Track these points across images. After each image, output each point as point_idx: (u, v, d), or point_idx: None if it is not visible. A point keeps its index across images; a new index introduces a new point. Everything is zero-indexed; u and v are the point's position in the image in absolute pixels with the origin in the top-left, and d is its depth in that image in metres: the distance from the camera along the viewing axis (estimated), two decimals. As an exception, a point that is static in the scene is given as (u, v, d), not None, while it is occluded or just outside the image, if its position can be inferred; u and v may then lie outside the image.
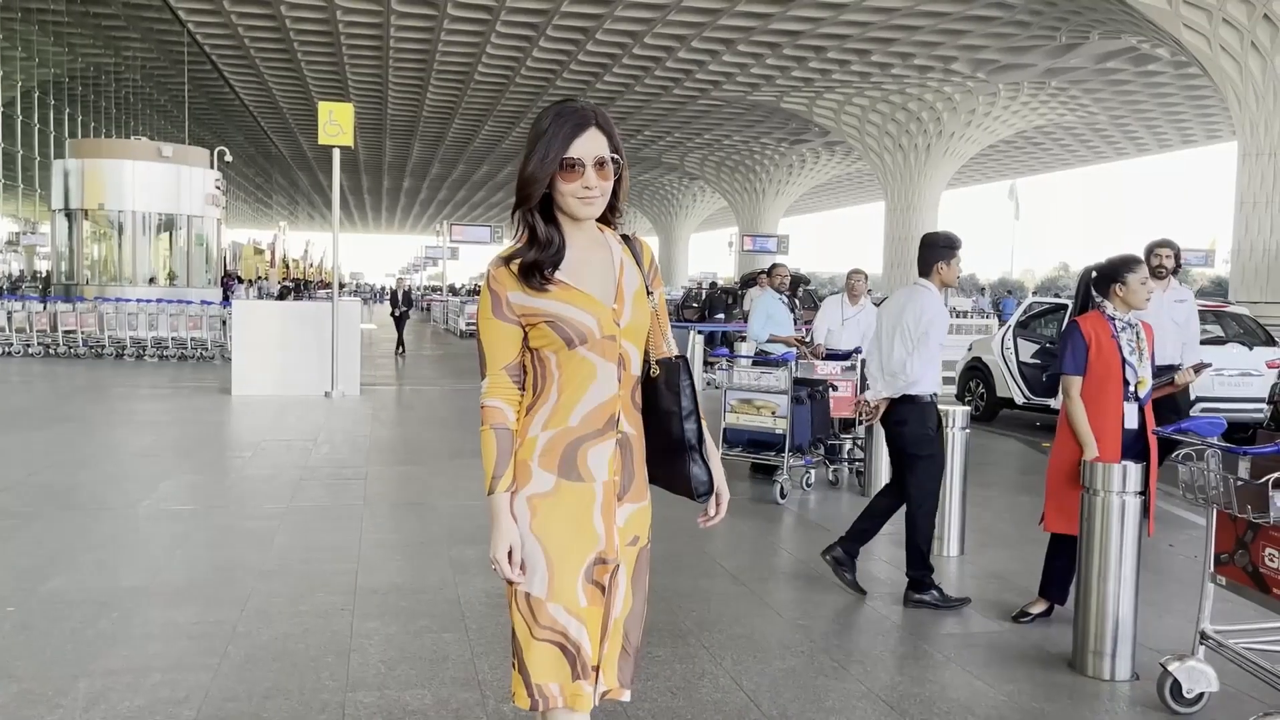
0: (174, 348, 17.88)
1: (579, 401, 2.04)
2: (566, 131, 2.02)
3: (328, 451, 8.50)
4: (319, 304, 14.78)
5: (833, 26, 29.61)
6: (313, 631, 4.11)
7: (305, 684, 3.57)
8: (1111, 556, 3.90)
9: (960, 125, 39.81)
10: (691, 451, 2.12)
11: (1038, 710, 3.58)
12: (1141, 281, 4.37)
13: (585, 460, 2.05)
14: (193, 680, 3.56)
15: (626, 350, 2.08)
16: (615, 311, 2.06)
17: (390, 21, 29.50)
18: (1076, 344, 4.34)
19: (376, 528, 5.91)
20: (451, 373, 17.06)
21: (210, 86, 39.55)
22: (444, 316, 35.68)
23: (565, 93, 38.34)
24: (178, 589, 4.65)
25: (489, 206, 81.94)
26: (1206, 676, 3.51)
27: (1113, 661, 3.88)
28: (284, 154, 56.85)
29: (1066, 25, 28.77)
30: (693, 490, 2.14)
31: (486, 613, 4.40)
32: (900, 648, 4.19)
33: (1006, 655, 4.13)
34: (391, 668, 3.75)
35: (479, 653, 3.92)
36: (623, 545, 2.09)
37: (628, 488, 2.10)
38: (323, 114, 12.56)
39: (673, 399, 2.12)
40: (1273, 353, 10.78)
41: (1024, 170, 61.06)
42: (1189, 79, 33.78)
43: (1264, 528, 3.28)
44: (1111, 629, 3.88)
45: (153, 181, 21.82)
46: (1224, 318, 11.50)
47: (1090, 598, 3.93)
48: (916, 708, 3.55)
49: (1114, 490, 3.89)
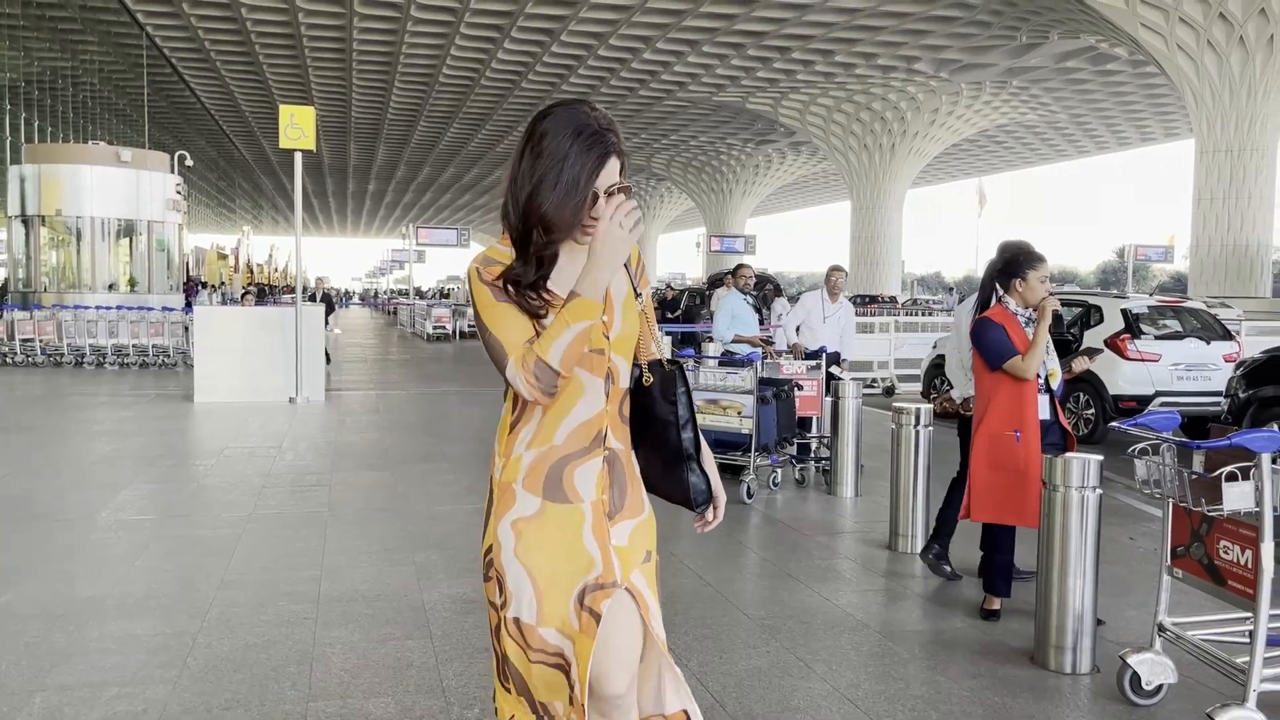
0: (135, 355, 17.63)
1: (564, 418, 1.93)
2: (592, 165, 1.87)
3: (291, 458, 8.41)
4: (282, 309, 14.63)
5: (796, 27, 29.80)
6: (274, 641, 4.06)
7: (266, 695, 3.53)
8: (1072, 551, 3.94)
9: (924, 124, 40.21)
10: (690, 461, 2.04)
11: (1000, 704, 3.61)
12: (1041, 279, 4.47)
13: (571, 480, 1.94)
14: (151, 694, 3.50)
15: (615, 364, 1.97)
16: (605, 324, 1.93)
17: (353, 24, 29.29)
18: (996, 334, 4.42)
19: (340, 535, 5.86)
20: (418, 377, 16.95)
21: (170, 90, 39.09)
22: (411, 320, 35.44)
23: (530, 95, 38.28)
24: (136, 600, 4.58)
25: (456, 209, 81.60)
26: (1165, 668, 3.56)
27: (1074, 655, 3.92)
28: (247, 157, 56.28)
29: (1026, 25, 29.14)
30: (692, 500, 2.06)
31: (451, 619, 4.37)
32: (865, 646, 4.20)
33: (969, 651, 4.16)
34: (354, 676, 3.71)
35: (443, 659, 3.89)
36: (637, 564, 1.99)
37: (619, 505, 2.00)
38: (284, 117, 12.43)
39: (669, 408, 2.03)
40: (1229, 347, 10.95)
41: (987, 169, 61.77)
42: (1147, 78, 34.33)
43: (1218, 521, 3.33)
44: (1073, 623, 3.92)
45: (111, 187, 21.50)
46: (1182, 313, 11.69)
47: (1051, 592, 3.97)
48: (881, 705, 3.57)
49: (1074, 485, 3.93)
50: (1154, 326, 11.11)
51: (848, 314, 8.92)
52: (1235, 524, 3.26)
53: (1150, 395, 10.37)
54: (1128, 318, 10.77)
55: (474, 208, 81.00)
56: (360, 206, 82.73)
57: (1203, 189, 27.82)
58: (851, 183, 43.73)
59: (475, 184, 65.43)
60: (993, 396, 4.48)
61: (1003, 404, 4.45)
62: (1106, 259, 67.96)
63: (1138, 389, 10.39)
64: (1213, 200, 27.78)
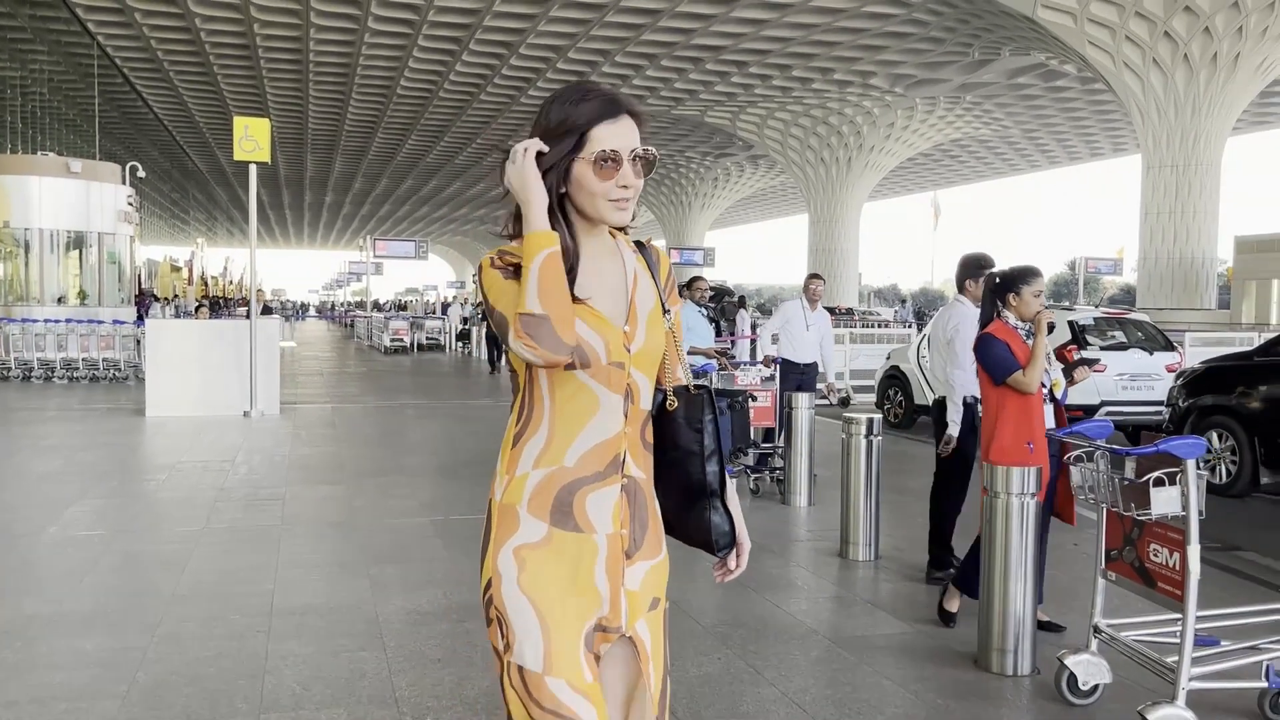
0: (85, 369, 17.35)
1: (576, 438, 1.73)
2: (591, 112, 1.69)
3: (245, 472, 8.35)
4: (236, 322, 14.50)
5: (754, 42, 30.11)
6: (225, 655, 4.05)
7: (217, 709, 3.52)
8: (1013, 557, 4.05)
9: (880, 139, 40.76)
10: (713, 498, 1.84)
11: (944, 706, 3.71)
12: (1035, 294, 4.58)
13: (584, 507, 1.73)
14: (100, 709, 3.49)
15: (635, 381, 1.76)
16: (626, 335, 1.75)
17: (310, 35, 29.13)
18: (999, 349, 4.50)
19: (294, 549, 5.84)
20: (374, 390, 16.85)
21: (122, 100, 38.56)
22: (368, 333, 35.19)
23: (489, 107, 38.29)
24: (85, 616, 4.54)
25: (414, 220, 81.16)
26: (1100, 668, 3.67)
27: (1015, 657, 4.03)
28: (201, 168, 55.60)
29: (979, 42, 29.69)
30: (713, 543, 1.85)
31: (405, 630, 4.39)
32: (814, 652, 4.28)
33: (915, 655, 4.25)
34: (306, 688, 3.72)
35: (396, 670, 3.91)
36: (643, 612, 1.79)
37: (639, 543, 1.78)
38: (238, 129, 12.35)
39: (694, 437, 1.83)
40: (1172, 357, 11.24)
41: (943, 182, 62.70)
42: (1095, 94, 35.10)
43: (1148, 525, 3.45)
44: (1014, 626, 4.03)
45: (61, 198, 21.16)
46: (1126, 324, 11.98)
47: (993, 597, 4.08)
48: (829, 709, 3.64)
49: (1014, 493, 4.05)
50: (1100, 337, 11.37)
51: (827, 322, 8.98)
52: (1164, 528, 3.38)
53: (1096, 405, 10.61)
54: (1074, 329, 11.02)
55: (432, 219, 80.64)
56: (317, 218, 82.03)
57: (1149, 203, 28.50)
58: (809, 196, 44.20)
59: (434, 196, 65.17)
60: (1000, 411, 4.51)
61: (1012, 418, 4.47)
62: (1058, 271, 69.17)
63: (1084, 398, 10.62)
64: (1159, 214, 28.45)
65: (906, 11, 27.15)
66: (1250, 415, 8.18)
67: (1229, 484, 8.33)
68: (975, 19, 27.55)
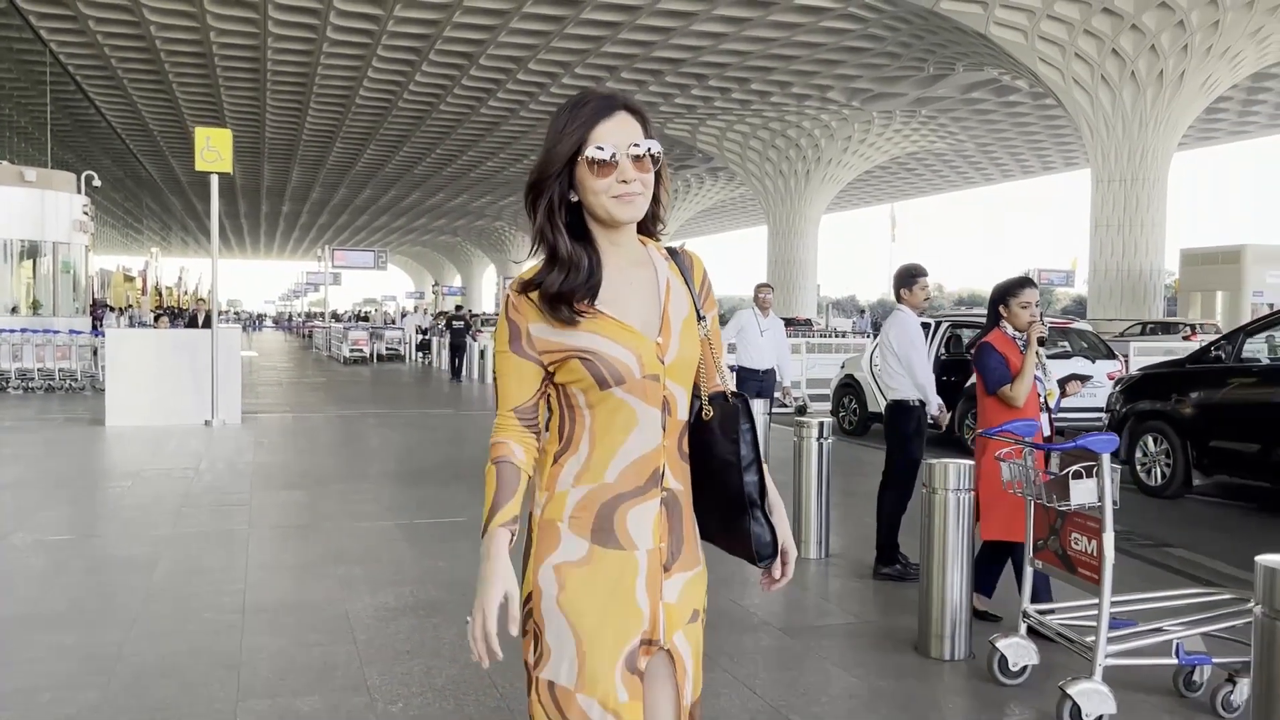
0: (41, 379, 17.22)
1: (616, 454, 1.73)
2: (587, 114, 1.69)
3: (210, 479, 8.44)
4: (195, 331, 14.51)
5: (713, 55, 30.51)
6: (201, 650, 4.20)
7: (197, 697, 3.69)
8: (950, 548, 4.32)
9: (837, 151, 41.38)
10: (753, 508, 1.80)
11: (884, 687, 3.96)
12: (1022, 305, 4.85)
13: (625, 523, 1.72)
14: (83, 698, 3.64)
15: (672, 392, 1.75)
16: (660, 346, 1.73)
17: (267, 44, 29.05)
18: (994, 360, 4.76)
19: (262, 551, 5.98)
20: (335, 400, 16.90)
21: (74, 108, 38.10)
22: (326, 343, 35.04)
23: (448, 117, 38.37)
24: (60, 615, 4.66)
25: (373, 230, 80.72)
26: (1029, 651, 3.95)
27: (952, 643, 4.30)
28: (155, 177, 54.97)
29: (934, 57, 30.35)
30: (755, 554, 1.81)
31: (374, 625, 4.56)
32: (765, 641, 4.52)
33: (860, 643, 4.51)
34: (281, 678, 3.89)
35: (367, 661, 4.09)
36: (682, 624, 1.78)
37: (676, 555, 1.78)
38: (199, 140, 12.41)
39: (731, 448, 1.79)
40: (1113, 365, 11.69)
41: (900, 195, 63.63)
42: (1047, 109, 35.97)
43: (1069, 515, 3.74)
44: (950, 613, 4.30)
45: (15, 207, 20.94)
46: (1070, 333, 12.43)
47: (931, 586, 4.35)
48: (776, 691, 3.89)
49: (950, 488, 4.33)
50: (1045, 346, 11.78)
51: (780, 329, 9.28)
52: (1083, 517, 3.67)
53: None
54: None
55: (391, 229, 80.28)
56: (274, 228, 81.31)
57: (1099, 217, 29.25)
58: (768, 207, 44.73)
59: (393, 205, 64.94)
60: (994, 420, 4.70)
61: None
62: (1011, 282, 70.19)
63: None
64: (1108, 227, 29.21)
65: (862, 27, 27.71)
66: (1182, 420, 8.58)
67: (1163, 486, 8.72)
68: (929, 35, 28.18)
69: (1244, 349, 8.42)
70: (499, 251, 79.28)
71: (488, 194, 59.18)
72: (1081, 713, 3.44)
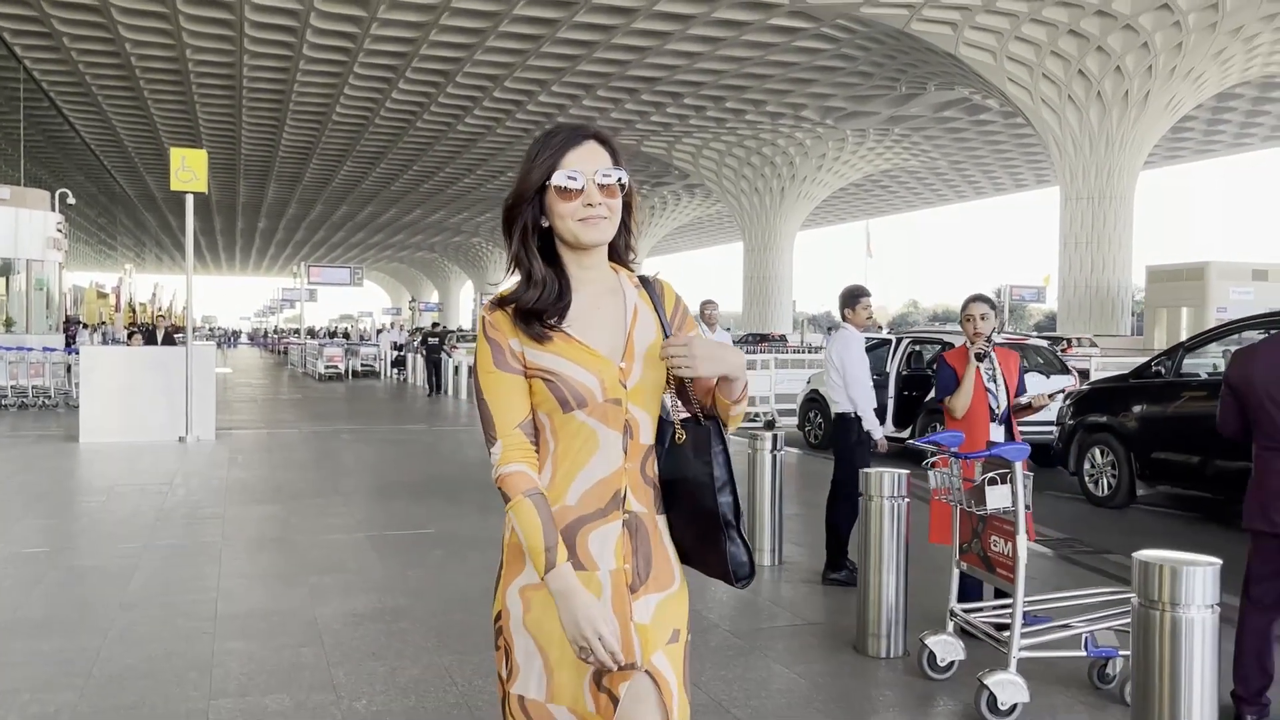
0: (13, 396, 17.27)
1: (576, 476, 1.76)
2: (557, 143, 1.76)
3: (184, 494, 8.61)
4: (169, 348, 14.64)
5: (688, 74, 30.95)
6: (175, 653, 4.41)
7: (170, 696, 3.90)
8: (885, 552, 4.60)
9: (812, 169, 41.94)
10: (729, 529, 1.82)
11: (823, 683, 4.22)
12: (966, 319, 5.17)
13: (586, 545, 1.76)
14: (61, 698, 3.84)
15: (635, 416, 1.78)
16: (622, 370, 1.77)
17: (243, 59, 29.21)
18: (946, 373, 5.12)
19: (234, 562, 6.17)
20: (309, 416, 17.04)
21: (48, 125, 38.04)
22: (302, 360, 35.08)
23: (424, 135, 38.61)
24: (38, 623, 4.85)
25: (349, 246, 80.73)
26: (955, 647, 4.22)
27: (888, 641, 4.57)
28: (129, 194, 54.86)
29: (906, 77, 30.91)
30: (731, 573, 1.83)
31: (342, 630, 4.78)
32: (713, 641, 4.77)
33: (804, 644, 4.77)
34: (251, 678, 4.11)
35: (334, 662, 4.31)
36: (661, 644, 1.79)
37: (643, 576, 1.80)
38: (175, 160, 12.57)
39: (703, 468, 1.81)
40: (1067, 380, 12.05)
41: (874, 212, 64.40)
42: (1017, 128, 36.64)
43: (989, 519, 4.02)
44: (886, 614, 4.57)
45: (-12, 224, 21.01)
46: (1026, 350, 12.80)
47: (869, 588, 4.62)
48: (719, 686, 4.14)
49: (885, 495, 4.61)
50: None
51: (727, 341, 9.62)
52: (1000, 521, 3.95)
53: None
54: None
55: (368, 245, 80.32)
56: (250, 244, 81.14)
57: (1068, 234, 29.83)
58: (744, 224, 45.22)
59: (369, 222, 65.03)
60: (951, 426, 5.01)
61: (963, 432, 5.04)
62: (984, 298, 71.00)
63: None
64: (1077, 244, 29.79)
65: (835, 46, 28.22)
66: (1126, 433, 8.92)
67: (1110, 496, 9.05)
68: (901, 55, 28.72)
69: (1183, 364, 8.78)
70: (476, 268, 79.50)
71: (464, 210, 59.42)
72: (998, 702, 3.72)
